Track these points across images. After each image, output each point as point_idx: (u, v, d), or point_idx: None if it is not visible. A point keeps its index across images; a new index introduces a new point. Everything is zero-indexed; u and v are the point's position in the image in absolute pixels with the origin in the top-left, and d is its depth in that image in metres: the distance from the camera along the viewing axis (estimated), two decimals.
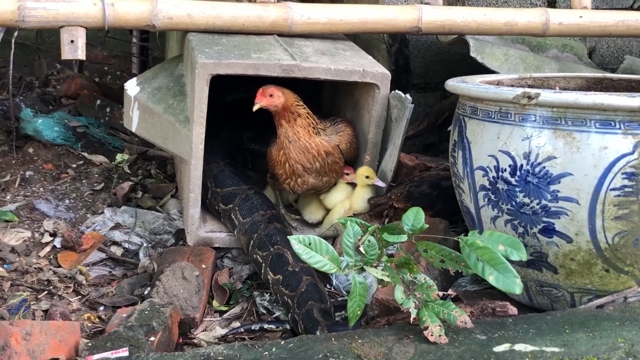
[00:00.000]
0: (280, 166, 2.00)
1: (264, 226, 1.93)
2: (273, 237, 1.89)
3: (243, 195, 2.04)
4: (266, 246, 1.88)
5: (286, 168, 1.98)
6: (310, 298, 1.70)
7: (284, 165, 1.98)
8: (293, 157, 1.96)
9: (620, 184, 1.39)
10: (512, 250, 1.30)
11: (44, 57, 3.88)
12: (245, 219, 1.98)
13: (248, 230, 1.95)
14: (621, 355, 1.25)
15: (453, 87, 1.64)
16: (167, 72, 2.22)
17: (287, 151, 1.96)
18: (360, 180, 2.03)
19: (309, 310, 1.67)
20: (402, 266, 1.38)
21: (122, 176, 2.47)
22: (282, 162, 1.98)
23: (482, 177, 1.54)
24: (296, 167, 1.97)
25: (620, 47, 2.99)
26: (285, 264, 1.81)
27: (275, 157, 2.00)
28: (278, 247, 1.86)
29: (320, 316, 1.65)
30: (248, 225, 1.96)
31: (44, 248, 2.03)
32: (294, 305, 1.72)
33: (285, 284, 1.77)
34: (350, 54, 2.08)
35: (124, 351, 1.40)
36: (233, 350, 1.32)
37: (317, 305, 1.68)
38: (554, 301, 1.58)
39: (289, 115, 1.93)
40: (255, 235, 1.92)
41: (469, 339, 1.32)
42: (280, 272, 1.80)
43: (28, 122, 2.68)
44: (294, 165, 1.97)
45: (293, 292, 1.74)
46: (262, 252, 1.88)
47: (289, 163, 1.97)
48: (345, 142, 2.04)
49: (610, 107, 1.37)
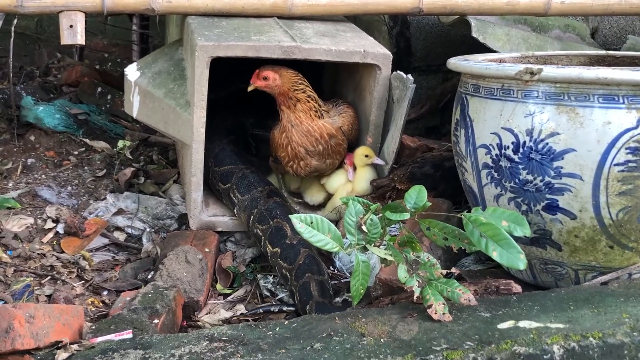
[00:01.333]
0: (283, 149, 1.99)
1: (263, 201, 1.94)
2: (273, 211, 1.90)
3: (240, 173, 2.05)
4: (266, 220, 1.89)
5: (288, 151, 1.98)
6: (308, 270, 1.72)
7: (287, 148, 1.98)
8: (295, 140, 1.95)
9: (624, 159, 1.38)
10: (516, 226, 1.29)
11: (45, 46, 3.87)
12: (244, 196, 1.99)
13: (248, 206, 1.96)
14: (626, 330, 1.24)
15: (455, 65, 1.63)
16: (167, 57, 2.21)
17: (289, 134, 1.95)
18: (359, 161, 2.02)
19: (305, 283, 1.69)
20: (405, 245, 1.38)
21: (124, 162, 2.47)
22: (285, 145, 1.98)
23: (485, 155, 1.53)
24: (298, 150, 1.96)
25: (624, 27, 2.97)
26: (283, 237, 1.82)
27: (278, 140, 2.00)
28: (277, 220, 1.87)
29: (316, 290, 1.66)
30: (247, 202, 1.97)
31: (47, 234, 2.03)
32: (292, 278, 1.74)
33: (283, 257, 1.79)
34: (351, 35, 2.07)
35: (127, 333, 1.39)
36: (237, 331, 1.32)
37: (314, 277, 1.70)
38: (558, 279, 1.57)
39: (287, 100, 1.92)
40: (255, 210, 1.93)
41: (473, 317, 1.31)
42: (279, 245, 1.82)
43: (29, 110, 2.67)
44: (296, 148, 1.96)
45: (291, 265, 1.76)
46: (262, 225, 1.89)
47: (291, 146, 1.96)
48: (348, 123, 2.03)
49: (613, 82, 1.36)
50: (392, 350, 1.20)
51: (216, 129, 2.10)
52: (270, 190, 2.00)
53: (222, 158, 2.08)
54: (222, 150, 2.13)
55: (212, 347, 1.25)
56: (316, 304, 1.63)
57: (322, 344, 1.23)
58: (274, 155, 2.07)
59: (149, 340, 1.30)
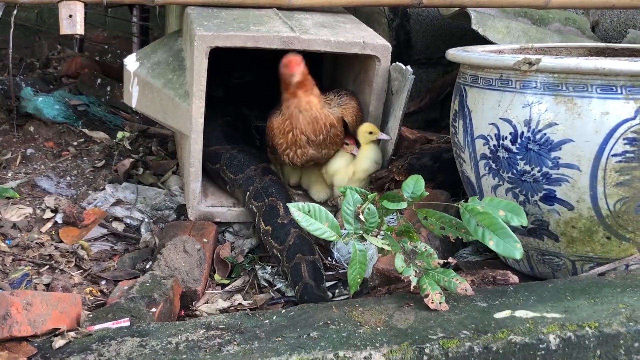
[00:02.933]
0: (283, 135, 1.97)
1: (259, 179, 1.97)
2: (269, 189, 1.93)
3: (227, 154, 2.08)
4: (262, 197, 1.92)
5: (288, 138, 1.97)
6: (299, 251, 1.74)
7: (287, 135, 1.96)
8: (300, 127, 1.93)
9: (621, 149, 1.38)
10: (513, 216, 1.29)
11: (45, 38, 3.87)
12: (237, 175, 2.02)
13: (243, 184, 2.00)
14: (622, 320, 1.25)
15: (454, 55, 1.63)
16: (167, 47, 2.21)
17: (294, 120, 1.93)
18: (363, 138, 2.01)
19: (297, 265, 1.71)
20: (403, 234, 1.38)
21: (123, 153, 2.47)
22: (286, 131, 1.96)
23: (483, 145, 1.53)
24: (300, 138, 1.95)
25: (624, 21, 2.96)
26: (276, 215, 1.85)
27: (279, 126, 1.97)
28: (272, 198, 1.90)
29: (307, 272, 1.68)
30: (242, 180, 2.01)
31: (46, 224, 2.03)
32: (283, 259, 1.76)
33: (275, 237, 1.82)
34: (351, 27, 2.06)
35: (125, 321, 1.40)
36: (234, 319, 1.32)
37: (305, 258, 1.72)
38: (556, 270, 1.57)
39: (307, 83, 1.89)
40: (251, 187, 1.97)
41: (470, 306, 1.32)
42: (271, 224, 1.84)
43: (28, 101, 2.67)
44: (298, 135, 1.95)
45: (282, 246, 1.79)
46: (258, 202, 1.92)
47: (293, 132, 1.95)
48: (351, 114, 2.01)
49: (611, 72, 1.36)
50: (388, 338, 1.20)
51: (211, 114, 2.11)
52: (264, 167, 2.03)
53: (210, 139, 2.07)
54: (212, 130, 2.14)
55: (209, 335, 1.26)
56: (304, 286, 1.66)
57: (319, 332, 1.23)
58: (270, 145, 2.06)
59: (146, 328, 1.31)
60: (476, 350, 1.19)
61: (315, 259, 1.75)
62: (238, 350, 1.19)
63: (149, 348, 1.21)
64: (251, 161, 2.06)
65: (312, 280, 1.67)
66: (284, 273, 1.77)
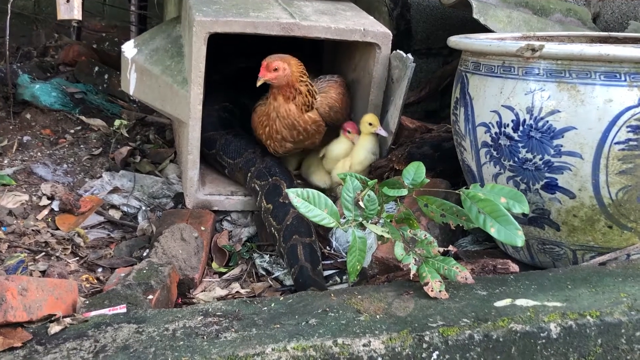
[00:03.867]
0: (261, 127, 1.96)
1: (260, 160, 1.98)
2: (272, 169, 1.94)
3: (222, 140, 2.08)
4: (265, 176, 1.93)
5: (266, 131, 1.95)
6: (295, 232, 1.75)
7: (265, 128, 1.95)
8: (275, 129, 1.93)
9: (624, 137, 1.37)
10: (514, 203, 1.28)
11: (42, 27, 3.84)
12: (236, 159, 2.03)
13: (244, 166, 2.00)
14: (624, 309, 1.23)
15: (456, 42, 1.61)
16: (165, 34, 2.19)
17: (271, 121, 1.92)
18: (364, 128, 1.99)
19: (293, 246, 1.72)
20: (403, 222, 1.36)
21: (120, 141, 2.45)
22: (264, 124, 1.95)
23: (484, 133, 1.52)
24: (275, 136, 1.94)
25: (625, 12, 2.94)
26: (279, 195, 1.86)
27: (258, 118, 1.96)
28: (276, 178, 1.91)
29: (303, 254, 1.69)
30: (242, 163, 2.01)
31: (42, 211, 2.01)
32: (280, 238, 1.78)
33: (274, 215, 1.83)
34: (351, 14, 2.05)
35: (121, 308, 1.38)
36: (232, 306, 1.31)
37: (301, 240, 1.73)
38: (556, 259, 1.56)
39: (289, 92, 1.87)
40: (253, 168, 1.98)
41: (470, 295, 1.30)
42: (272, 202, 1.85)
43: (25, 88, 2.65)
44: (274, 133, 1.94)
45: (280, 225, 1.79)
46: (261, 181, 1.93)
47: (270, 128, 1.93)
48: (326, 104, 1.97)
49: (616, 59, 1.34)
50: (387, 326, 1.19)
51: (209, 100, 2.09)
52: (263, 149, 2.03)
53: (205, 125, 2.05)
54: (208, 116, 2.12)
55: (207, 321, 1.24)
56: (300, 268, 1.66)
57: (318, 320, 1.22)
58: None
59: (143, 314, 1.29)
60: (476, 339, 1.18)
61: (312, 241, 1.75)
62: (236, 337, 1.17)
63: (146, 334, 1.20)
64: (249, 144, 2.05)
65: (308, 262, 1.68)
66: (280, 253, 1.78)
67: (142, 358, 1.11)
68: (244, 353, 1.12)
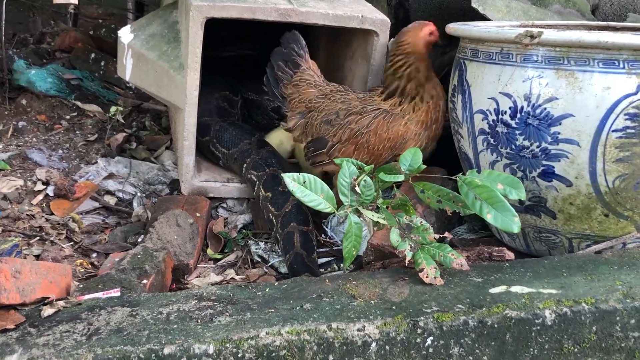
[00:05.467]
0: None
1: (255, 151, 1.97)
2: (269, 160, 1.94)
3: (217, 126, 2.07)
4: (262, 167, 1.92)
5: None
6: (293, 220, 1.75)
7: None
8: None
9: (622, 125, 1.36)
10: (511, 190, 1.27)
11: (39, 14, 3.82)
12: (231, 149, 2.02)
13: (239, 157, 1.99)
14: (619, 297, 1.23)
15: (454, 29, 1.60)
16: (162, 19, 2.17)
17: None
18: None
19: (290, 233, 1.72)
20: (399, 208, 1.36)
21: (116, 128, 2.43)
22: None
23: (482, 120, 1.51)
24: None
25: (624, 4, 2.94)
26: (277, 184, 1.85)
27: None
28: (273, 168, 1.90)
29: (299, 242, 1.70)
30: (237, 154, 2.00)
31: (37, 196, 2.00)
32: (277, 225, 1.78)
33: (273, 202, 1.83)
34: (349, 1, 2.04)
35: (115, 291, 1.38)
36: (226, 291, 1.30)
37: (298, 228, 1.73)
38: (552, 247, 1.56)
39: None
40: (248, 159, 1.97)
41: (465, 281, 1.30)
42: (271, 190, 1.85)
43: (21, 74, 2.63)
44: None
45: (278, 211, 1.79)
46: (258, 172, 1.92)
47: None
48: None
49: (614, 46, 1.34)
50: (382, 311, 1.19)
51: (207, 87, 2.09)
52: (259, 140, 2.02)
53: (199, 111, 2.04)
54: (207, 102, 2.13)
55: (201, 305, 1.24)
56: (294, 255, 1.67)
57: (312, 305, 1.22)
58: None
59: (137, 298, 1.29)
60: (471, 325, 1.18)
61: (309, 230, 1.75)
62: (230, 320, 1.17)
63: (140, 318, 1.20)
64: (244, 134, 2.05)
65: (303, 250, 1.68)
66: (276, 239, 1.78)
67: (135, 341, 1.11)
68: (238, 337, 1.11)
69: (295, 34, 1.92)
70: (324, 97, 1.86)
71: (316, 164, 1.88)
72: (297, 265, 1.64)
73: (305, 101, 1.88)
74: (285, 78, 1.91)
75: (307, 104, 1.88)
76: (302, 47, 1.92)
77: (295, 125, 1.91)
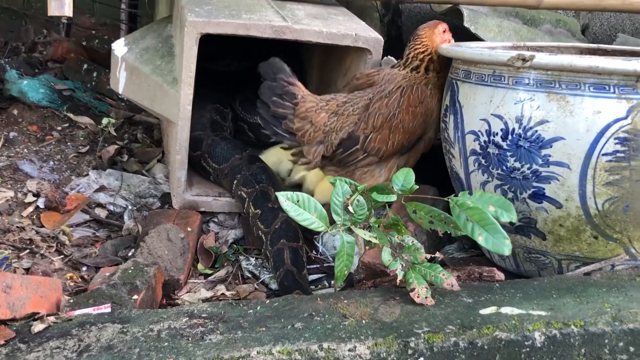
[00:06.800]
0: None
1: (246, 167, 1.98)
2: (258, 176, 1.94)
3: (209, 140, 2.07)
4: (251, 184, 1.93)
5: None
6: (283, 236, 1.76)
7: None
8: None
9: (612, 149, 1.38)
10: (502, 212, 1.28)
11: (31, 23, 3.81)
12: (222, 164, 2.03)
13: (229, 173, 2.00)
14: (608, 319, 1.24)
15: (447, 50, 1.62)
16: (156, 33, 2.18)
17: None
18: None
19: (280, 250, 1.73)
20: (391, 227, 1.37)
21: (107, 140, 2.43)
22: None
23: (473, 141, 1.53)
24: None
25: (613, 25, 2.98)
26: (267, 200, 1.86)
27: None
28: (263, 185, 1.91)
29: (289, 259, 1.70)
30: (228, 169, 2.01)
31: (27, 208, 1.99)
32: (267, 242, 1.78)
33: (262, 219, 1.83)
34: (343, 19, 2.05)
35: (106, 307, 1.37)
36: (217, 308, 1.30)
37: (288, 244, 1.74)
38: (542, 268, 1.57)
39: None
40: (239, 176, 1.97)
41: (456, 302, 1.31)
42: (260, 207, 1.86)
43: (13, 84, 2.62)
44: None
45: (267, 228, 1.80)
46: (247, 189, 1.93)
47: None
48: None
49: (605, 71, 1.36)
50: (373, 331, 1.19)
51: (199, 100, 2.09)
52: (250, 155, 2.03)
53: (192, 125, 2.01)
54: (200, 117, 2.14)
55: (192, 323, 1.24)
56: (285, 272, 1.67)
57: (303, 324, 1.22)
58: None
59: (128, 314, 1.29)
60: (461, 346, 1.18)
61: (299, 246, 1.76)
62: (221, 339, 1.17)
63: (130, 335, 1.19)
64: (235, 149, 2.05)
65: (293, 266, 1.68)
66: (266, 256, 1.79)
67: (126, 358, 1.10)
68: (229, 356, 1.11)
69: (277, 62, 1.83)
70: (335, 115, 1.80)
71: (349, 164, 1.81)
72: (288, 283, 1.64)
73: (321, 127, 1.79)
74: (288, 113, 1.80)
75: (324, 129, 1.79)
76: (290, 74, 1.82)
77: (315, 155, 1.82)
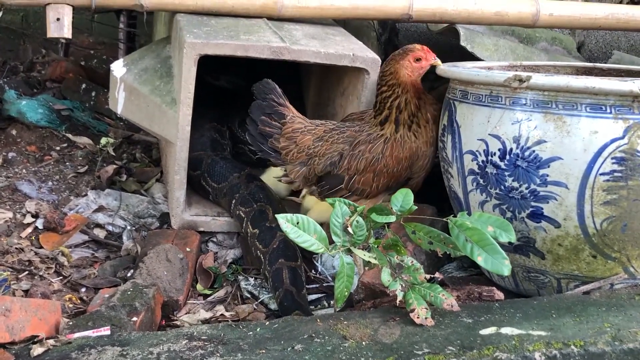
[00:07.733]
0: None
1: (244, 186, 1.99)
2: (256, 195, 1.95)
3: (209, 160, 2.09)
4: (249, 203, 1.94)
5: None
6: (281, 256, 1.76)
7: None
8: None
9: (609, 168, 1.39)
10: (501, 232, 1.29)
11: (30, 42, 3.82)
12: (220, 184, 2.03)
13: (228, 192, 2.01)
14: (607, 339, 1.24)
15: (444, 71, 1.63)
16: (154, 54, 2.19)
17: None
18: None
19: (278, 270, 1.73)
20: (390, 248, 1.37)
21: (106, 159, 2.44)
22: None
23: (471, 161, 1.53)
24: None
25: (609, 42, 3.00)
26: (265, 219, 1.87)
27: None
28: (261, 204, 1.92)
29: (288, 278, 1.70)
30: (226, 189, 2.02)
31: (26, 229, 1.99)
32: (265, 262, 1.79)
33: (260, 239, 1.84)
34: (340, 39, 2.06)
35: (105, 330, 1.37)
36: (217, 330, 1.30)
37: (287, 264, 1.74)
38: (541, 287, 1.57)
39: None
40: (237, 195, 1.98)
41: (455, 322, 1.31)
42: (258, 227, 1.86)
43: (11, 104, 2.63)
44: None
45: (265, 248, 1.80)
46: (245, 208, 1.94)
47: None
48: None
49: (601, 91, 1.37)
50: (373, 353, 1.19)
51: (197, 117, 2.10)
52: (248, 174, 2.04)
53: (192, 145, 2.02)
54: (200, 136, 2.15)
55: (192, 345, 1.24)
56: (284, 292, 1.67)
57: (303, 345, 1.22)
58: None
59: (128, 337, 1.28)
60: None
61: (297, 265, 1.76)
62: None
63: (130, 358, 1.19)
64: (234, 168, 2.06)
65: (292, 286, 1.68)
66: (265, 276, 1.79)
67: None
68: None
69: (269, 83, 1.85)
70: (321, 140, 1.82)
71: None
72: (288, 303, 1.64)
73: (305, 149, 1.82)
74: (274, 132, 1.84)
75: (307, 152, 1.82)
76: (281, 95, 1.85)
77: (297, 176, 1.85)
